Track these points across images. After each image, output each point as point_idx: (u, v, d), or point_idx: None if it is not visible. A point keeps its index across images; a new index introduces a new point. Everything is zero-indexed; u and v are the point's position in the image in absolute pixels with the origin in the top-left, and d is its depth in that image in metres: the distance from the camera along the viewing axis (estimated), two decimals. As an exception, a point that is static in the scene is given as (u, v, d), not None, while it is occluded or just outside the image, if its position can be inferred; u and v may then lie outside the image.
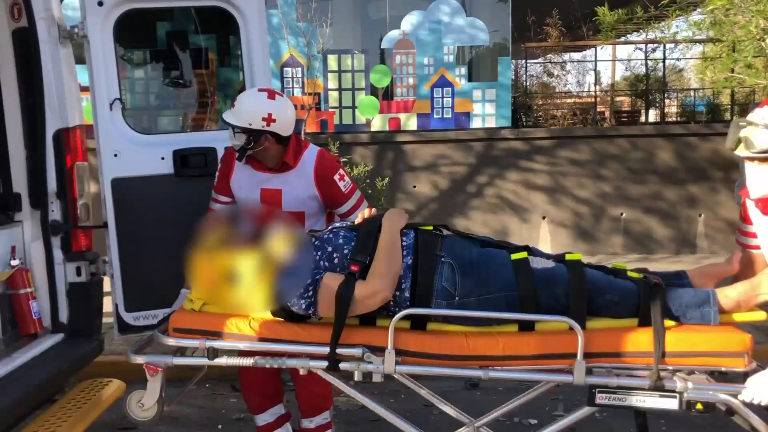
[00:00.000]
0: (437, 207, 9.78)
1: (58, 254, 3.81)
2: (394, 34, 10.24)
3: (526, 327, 2.70)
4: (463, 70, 10.32)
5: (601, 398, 2.59)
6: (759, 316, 2.70)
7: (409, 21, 10.21)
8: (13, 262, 3.65)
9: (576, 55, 16.31)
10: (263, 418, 3.69)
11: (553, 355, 2.63)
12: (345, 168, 3.60)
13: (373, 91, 10.27)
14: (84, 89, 4.01)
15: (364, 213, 3.06)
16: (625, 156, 9.76)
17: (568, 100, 12.54)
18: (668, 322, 2.64)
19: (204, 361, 2.82)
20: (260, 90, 3.43)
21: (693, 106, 14.47)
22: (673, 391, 2.54)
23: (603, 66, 16.46)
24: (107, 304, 4.06)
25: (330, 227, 2.99)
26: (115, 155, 4.00)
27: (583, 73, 15.51)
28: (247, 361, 2.77)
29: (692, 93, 16.24)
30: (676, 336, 2.61)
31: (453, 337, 2.70)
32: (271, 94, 3.36)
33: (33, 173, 3.87)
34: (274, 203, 3.43)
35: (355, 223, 2.99)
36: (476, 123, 10.28)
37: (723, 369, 2.59)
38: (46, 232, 3.81)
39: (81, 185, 3.90)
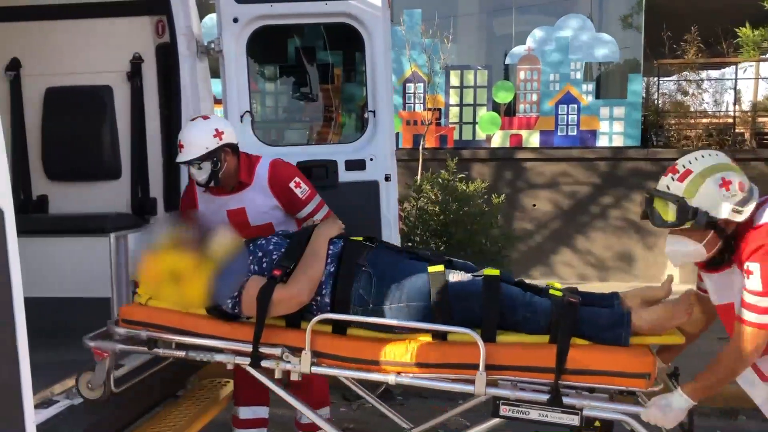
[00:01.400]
0: (557, 226, 9.51)
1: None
2: (519, 49, 10.11)
3: (439, 337, 2.76)
4: (591, 87, 10.02)
5: (504, 410, 2.67)
6: (676, 339, 2.69)
7: (535, 36, 10.05)
8: (147, 263, 3.88)
9: (714, 73, 15.42)
10: (244, 413, 3.74)
11: (460, 365, 2.69)
12: (302, 175, 3.69)
13: (494, 107, 10.17)
14: (218, 102, 4.23)
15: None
16: (767, 180, 9.10)
17: (704, 120, 11.85)
18: (579, 341, 2.66)
19: (144, 350, 3.02)
20: (192, 120, 3.56)
21: None
22: (574, 408, 2.57)
23: (744, 84, 15.44)
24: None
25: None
26: (243, 165, 4.18)
27: (721, 92, 14.61)
28: (180, 353, 2.98)
29: None
30: (580, 354, 2.62)
31: (367, 343, 2.81)
32: (204, 117, 3.56)
33: (168, 179, 4.12)
34: (242, 222, 3.55)
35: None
36: (602, 141, 9.93)
37: (623, 389, 2.60)
38: (177, 236, 4.04)
39: (210, 192, 4.11)
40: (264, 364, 2.84)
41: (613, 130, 9.94)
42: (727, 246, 2.36)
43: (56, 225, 3.90)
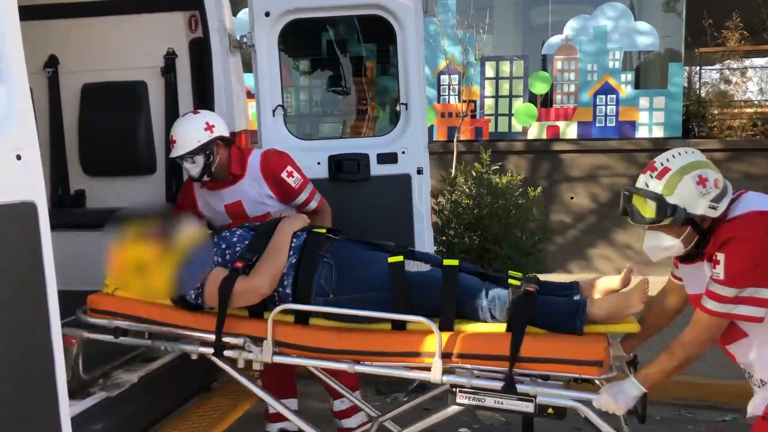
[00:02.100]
0: (595, 220, 9.36)
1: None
2: (555, 39, 9.94)
3: (399, 326, 2.81)
4: (630, 77, 9.81)
5: (462, 397, 2.73)
6: (632, 327, 2.73)
7: (572, 26, 9.87)
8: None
9: (759, 61, 14.97)
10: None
11: (418, 353, 2.75)
12: (295, 164, 3.72)
13: (531, 98, 10.04)
14: (251, 96, 4.25)
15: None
16: (814, 171, 8.82)
17: (748, 110, 11.52)
18: (536, 330, 2.71)
19: (109, 338, 3.07)
20: (182, 116, 3.64)
21: None
22: (528, 395, 2.62)
23: (791, 72, 15.01)
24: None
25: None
26: (275, 159, 4.20)
27: (767, 80, 14.19)
28: (146, 342, 3.05)
29: None
30: (535, 342, 2.67)
31: (328, 332, 2.87)
32: (194, 111, 3.65)
33: (201, 174, 4.15)
34: (240, 214, 3.63)
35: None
36: (642, 132, 9.73)
37: (576, 376, 2.66)
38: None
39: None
40: (227, 353, 2.90)
41: (653, 121, 9.72)
42: (702, 241, 2.42)
43: (93, 219, 3.96)
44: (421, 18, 4.26)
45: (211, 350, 2.91)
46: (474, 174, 6.76)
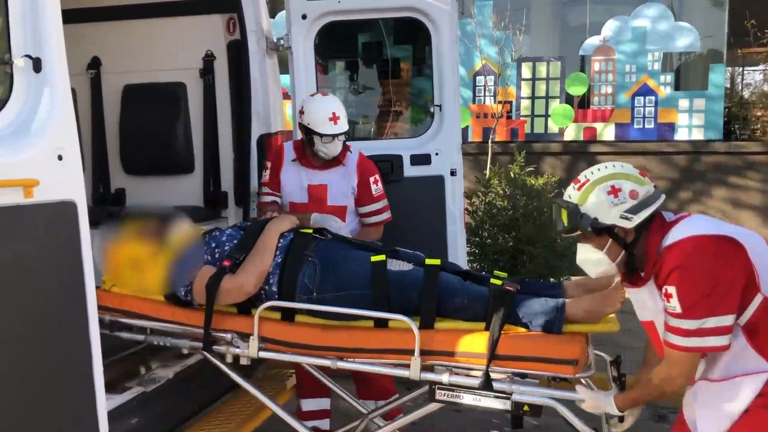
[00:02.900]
0: (632, 223, 9.23)
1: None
2: (593, 40, 9.83)
3: (381, 324, 2.87)
4: (669, 78, 9.66)
5: (440, 395, 2.76)
6: (611, 327, 2.75)
7: (611, 27, 9.75)
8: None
9: (805, 61, 14.58)
10: (307, 405, 3.82)
11: (397, 350, 2.79)
12: (381, 176, 3.88)
13: (567, 99, 9.94)
14: (287, 97, 4.29)
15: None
16: None
17: (792, 112, 11.25)
18: (516, 328, 2.76)
19: (105, 332, 3.09)
20: (326, 96, 3.77)
21: None
22: (504, 393, 2.66)
23: (838, 73, 14.60)
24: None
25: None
26: (308, 159, 4.25)
27: (813, 81, 13.84)
28: (140, 337, 3.15)
29: None
30: (512, 340, 2.71)
31: (312, 329, 2.93)
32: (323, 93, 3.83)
33: (239, 174, 4.22)
34: (320, 198, 3.75)
35: None
36: (681, 134, 9.57)
37: (552, 375, 2.69)
38: (247, 228, 4.13)
39: (279, 186, 4.18)
40: (216, 348, 3.00)
41: (692, 123, 9.55)
42: (632, 258, 2.41)
43: None
44: (455, 20, 4.26)
45: (200, 345, 3.02)
46: (511, 175, 6.72)
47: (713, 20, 9.64)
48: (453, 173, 4.23)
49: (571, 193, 2.47)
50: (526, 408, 2.68)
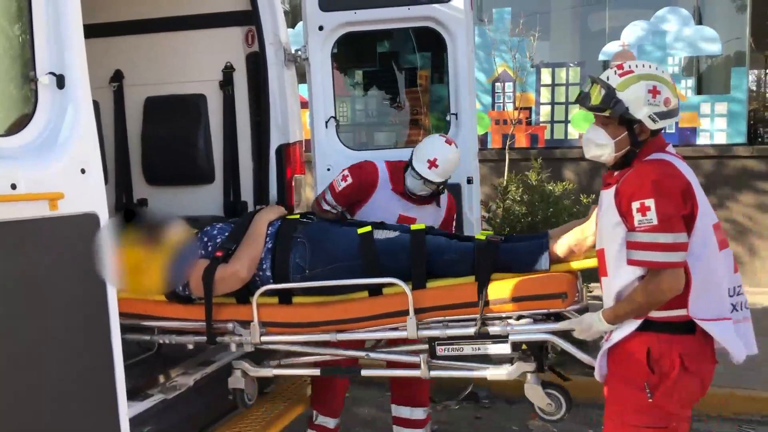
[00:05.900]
0: (654, 228, 9.14)
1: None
2: (613, 45, 9.78)
3: (375, 292, 2.96)
4: (690, 82, 9.57)
5: (441, 350, 2.84)
6: (594, 263, 2.74)
7: (631, 31, 9.69)
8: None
9: (831, 63, 14.35)
10: (324, 420, 3.85)
11: (393, 313, 2.88)
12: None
13: (588, 105, 9.89)
14: (305, 106, 4.34)
15: None
16: None
17: (819, 115, 11.09)
18: (503, 274, 2.80)
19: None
20: (448, 142, 3.72)
21: None
22: (501, 336, 2.72)
23: None
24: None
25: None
26: (328, 169, 4.31)
27: (840, 83, 13.60)
28: (146, 337, 3.25)
29: None
30: (500, 285, 2.77)
31: (310, 307, 3.04)
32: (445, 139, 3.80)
33: (258, 183, 4.28)
34: None
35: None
36: (704, 139, 9.47)
37: (544, 310, 2.73)
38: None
39: (298, 195, 4.25)
40: (219, 339, 3.09)
41: (714, 127, 9.46)
42: (630, 154, 2.49)
43: None
44: (471, 29, 4.29)
45: (204, 339, 3.10)
46: (528, 182, 6.71)
47: (735, 23, 9.53)
48: (470, 181, 4.26)
49: (611, 76, 2.50)
50: (524, 346, 2.78)
